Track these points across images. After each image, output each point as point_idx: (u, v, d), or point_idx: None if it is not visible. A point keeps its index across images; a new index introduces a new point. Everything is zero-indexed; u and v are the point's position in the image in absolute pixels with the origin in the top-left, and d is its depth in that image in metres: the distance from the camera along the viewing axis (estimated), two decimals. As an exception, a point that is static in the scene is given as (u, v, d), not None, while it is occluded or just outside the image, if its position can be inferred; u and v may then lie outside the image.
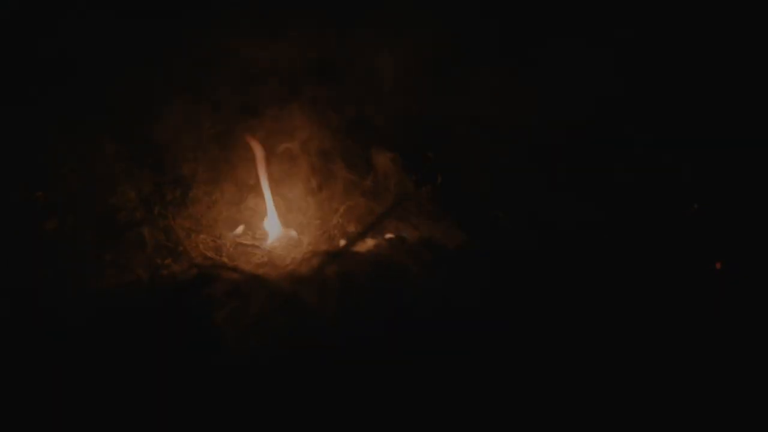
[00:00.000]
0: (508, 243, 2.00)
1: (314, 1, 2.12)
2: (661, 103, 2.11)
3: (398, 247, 2.01)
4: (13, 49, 2.08)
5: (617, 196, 2.07)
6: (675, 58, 2.11)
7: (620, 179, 2.09)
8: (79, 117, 2.07)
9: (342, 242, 2.04)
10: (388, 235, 2.06)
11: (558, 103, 2.08)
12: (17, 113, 2.07)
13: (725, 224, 2.01)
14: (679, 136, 2.10)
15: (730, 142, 2.07)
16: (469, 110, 2.12)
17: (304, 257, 1.96)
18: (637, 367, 1.71)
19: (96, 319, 1.81)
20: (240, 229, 2.11)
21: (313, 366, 1.71)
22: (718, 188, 2.06)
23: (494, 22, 2.11)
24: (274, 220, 2.11)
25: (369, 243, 2.06)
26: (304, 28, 2.12)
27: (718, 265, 1.95)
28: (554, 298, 1.85)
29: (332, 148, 2.15)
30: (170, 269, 1.97)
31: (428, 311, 1.82)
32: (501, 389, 1.67)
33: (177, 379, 1.69)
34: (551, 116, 2.08)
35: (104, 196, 2.08)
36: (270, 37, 2.10)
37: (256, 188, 2.13)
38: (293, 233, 2.08)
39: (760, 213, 2.01)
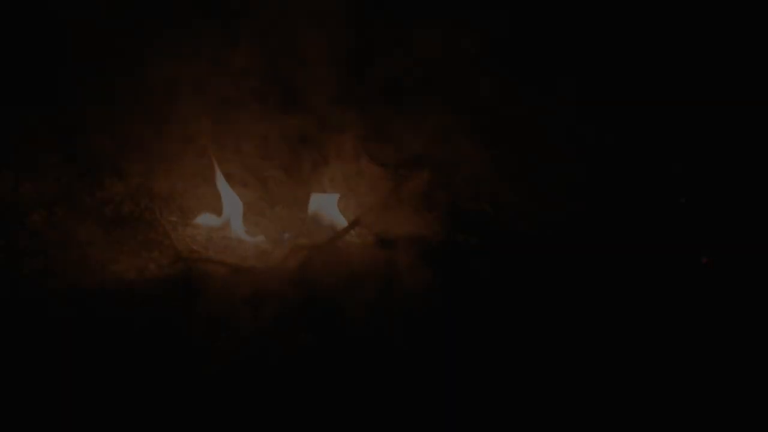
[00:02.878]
0: (497, 239, 2.00)
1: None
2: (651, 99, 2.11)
3: (385, 241, 2.01)
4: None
5: (606, 191, 2.07)
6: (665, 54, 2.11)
7: (609, 174, 2.09)
8: (66, 109, 2.07)
9: (329, 236, 2.03)
10: (376, 229, 2.05)
11: (546, 100, 2.09)
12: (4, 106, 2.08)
13: (713, 219, 2.02)
14: (669, 131, 2.11)
15: (718, 137, 2.08)
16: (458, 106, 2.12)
17: (290, 251, 1.96)
18: (627, 365, 1.72)
19: (82, 312, 1.80)
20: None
21: (299, 361, 1.71)
22: (707, 183, 2.06)
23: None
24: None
25: (356, 237, 2.06)
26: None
27: (705, 261, 1.95)
28: (544, 295, 1.85)
29: (321, 143, 2.15)
30: (157, 262, 1.97)
31: (416, 306, 1.82)
32: (491, 387, 1.67)
33: (164, 374, 1.68)
34: (542, 115, 2.10)
35: (92, 190, 2.08)
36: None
37: (244, 181, 2.14)
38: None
39: (747, 207, 2.01)
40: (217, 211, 2.10)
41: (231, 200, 2.08)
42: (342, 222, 2.06)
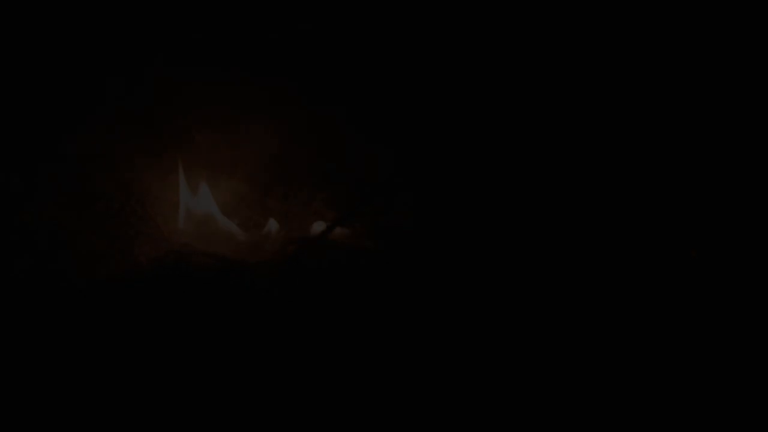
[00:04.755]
0: (486, 236, 2.01)
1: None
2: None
3: (377, 235, 2.02)
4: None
5: (596, 187, 2.09)
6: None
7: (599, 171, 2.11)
8: (55, 104, 2.08)
9: (320, 230, 2.04)
10: (367, 223, 2.06)
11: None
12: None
13: (701, 213, 2.03)
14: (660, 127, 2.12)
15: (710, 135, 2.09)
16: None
17: (281, 244, 1.96)
18: (614, 363, 1.72)
19: (72, 307, 1.81)
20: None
21: (289, 354, 1.72)
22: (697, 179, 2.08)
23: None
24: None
25: (347, 231, 2.06)
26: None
27: (693, 253, 1.97)
28: (534, 293, 1.86)
29: (310, 135, 2.16)
30: (148, 256, 1.97)
31: (411, 300, 1.82)
32: (480, 384, 1.67)
33: (156, 366, 1.68)
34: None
35: (82, 185, 2.08)
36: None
37: (234, 174, 2.14)
38: (272, 222, 2.08)
39: (735, 204, 2.03)
40: (206, 204, 2.10)
41: (220, 194, 2.09)
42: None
